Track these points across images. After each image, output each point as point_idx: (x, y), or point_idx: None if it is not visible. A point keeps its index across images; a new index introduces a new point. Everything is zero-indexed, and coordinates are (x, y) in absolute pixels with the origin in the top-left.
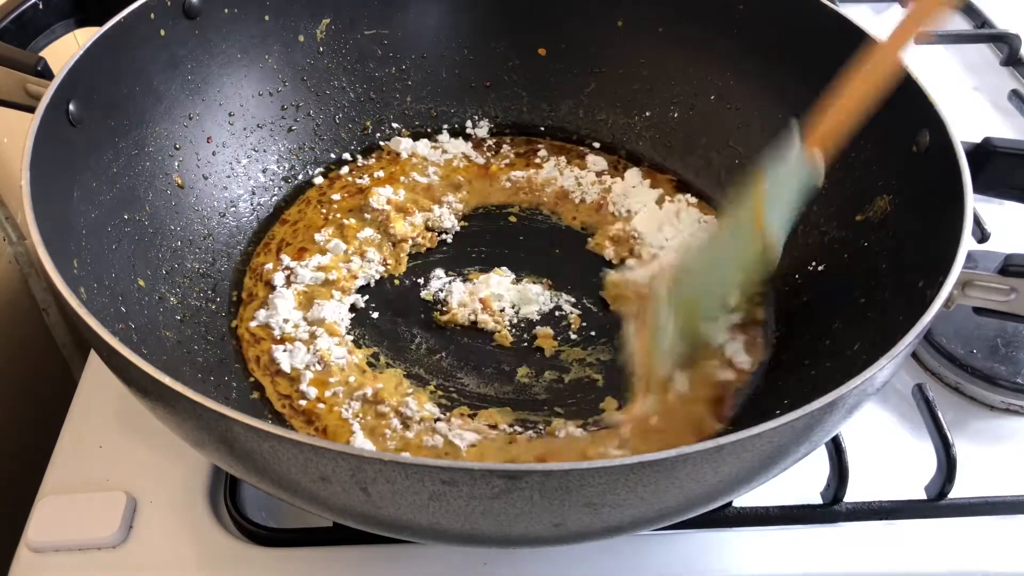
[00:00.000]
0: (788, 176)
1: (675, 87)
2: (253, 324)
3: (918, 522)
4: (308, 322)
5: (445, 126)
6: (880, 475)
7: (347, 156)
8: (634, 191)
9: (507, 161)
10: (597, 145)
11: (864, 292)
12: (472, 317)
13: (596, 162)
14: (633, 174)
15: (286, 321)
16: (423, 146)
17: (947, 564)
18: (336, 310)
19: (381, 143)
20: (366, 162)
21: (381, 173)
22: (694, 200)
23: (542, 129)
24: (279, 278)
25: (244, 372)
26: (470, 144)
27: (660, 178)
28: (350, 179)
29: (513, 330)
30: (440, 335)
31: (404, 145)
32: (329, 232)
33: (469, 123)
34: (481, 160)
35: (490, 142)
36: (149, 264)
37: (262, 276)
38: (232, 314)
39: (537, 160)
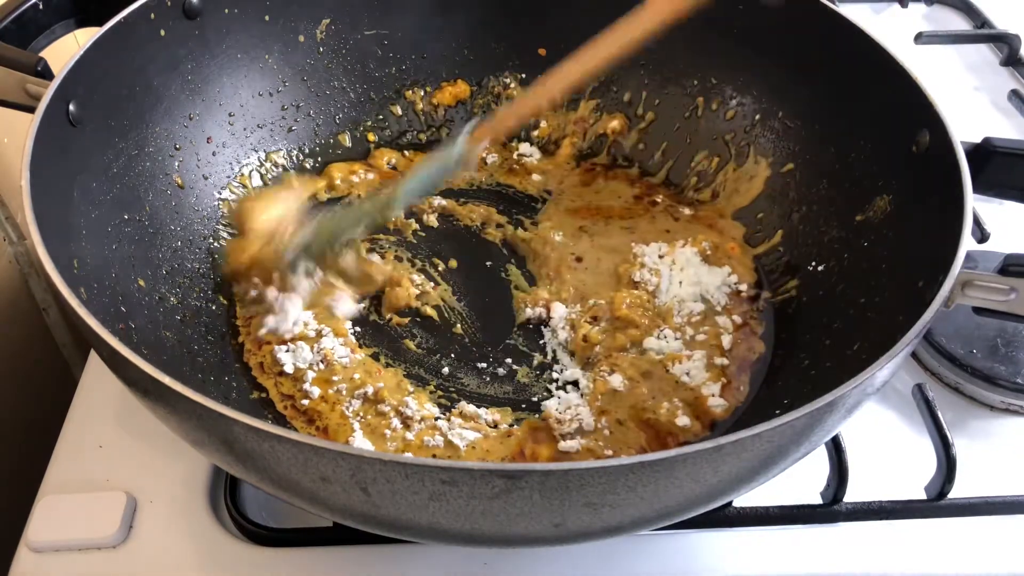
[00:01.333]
0: (439, 162)
1: (674, 87)
2: (262, 331)
3: (918, 522)
4: (317, 321)
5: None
6: (880, 475)
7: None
8: None
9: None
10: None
11: (864, 292)
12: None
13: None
14: None
15: (295, 324)
16: None
17: (947, 564)
18: (348, 306)
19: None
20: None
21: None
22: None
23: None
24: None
25: (245, 372)
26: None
27: None
28: None
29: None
30: (441, 335)
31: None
32: None
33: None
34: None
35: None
36: (149, 264)
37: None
38: (232, 315)
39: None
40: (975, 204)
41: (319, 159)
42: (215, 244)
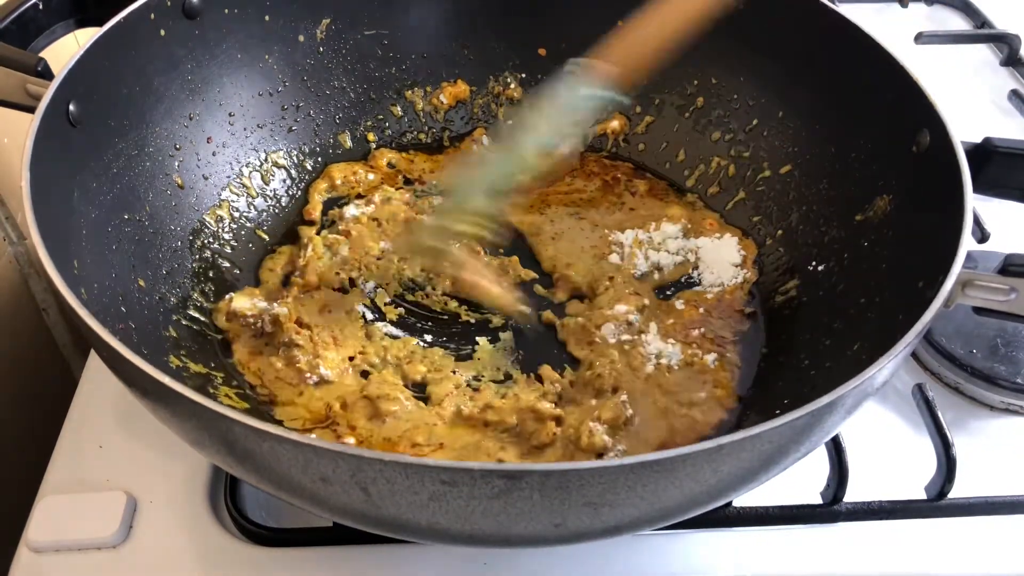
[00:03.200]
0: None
1: (675, 86)
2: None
3: (918, 522)
4: None
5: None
6: (880, 475)
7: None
8: None
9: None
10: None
11: (864, 292)
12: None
13: None
14: None
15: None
16: None
17: (947, 564)
18: None
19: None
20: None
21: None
22: None
23: None
24: None
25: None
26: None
27: None
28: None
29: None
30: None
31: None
32: None
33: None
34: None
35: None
36: (149, 264)
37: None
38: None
39: None
40: (975, 204)
41: (319, 159)
42: (215, 244)
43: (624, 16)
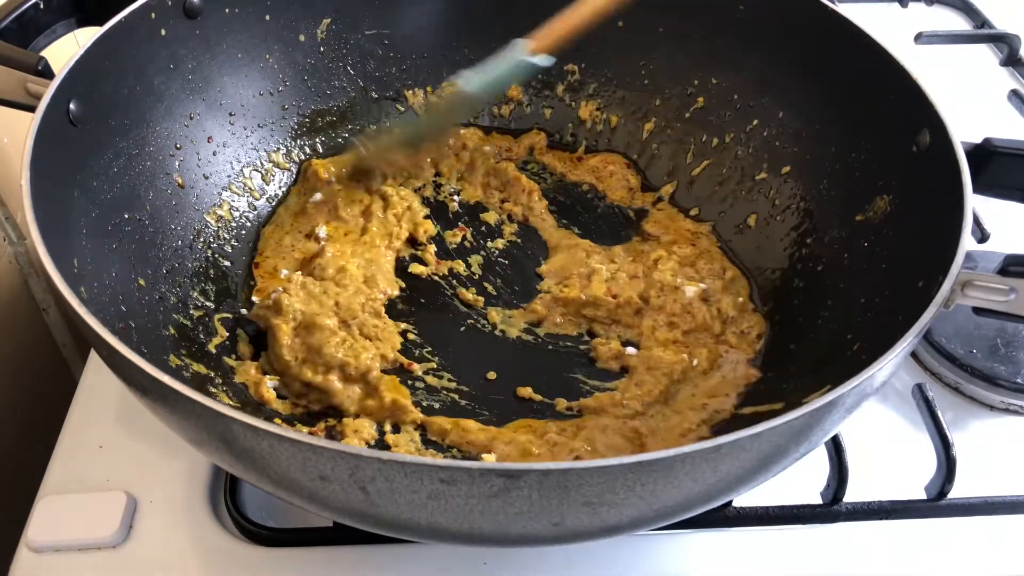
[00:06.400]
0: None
1: (675, 87)
2: None
3: (918, 522)
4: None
5: None
6: (880, 475)
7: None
8: None
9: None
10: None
11: (864, 292)
12: None
13: None
14: None
15: None
16: None
17: (947, 564)
18: None
19: None
20: None
21: None
22: None
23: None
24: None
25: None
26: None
27: None
28: None
29: None
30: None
31: None
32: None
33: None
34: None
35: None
36: (149, 263)
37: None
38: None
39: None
40: (975, 204)
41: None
42: (215, 244)
43: (623, 17)
